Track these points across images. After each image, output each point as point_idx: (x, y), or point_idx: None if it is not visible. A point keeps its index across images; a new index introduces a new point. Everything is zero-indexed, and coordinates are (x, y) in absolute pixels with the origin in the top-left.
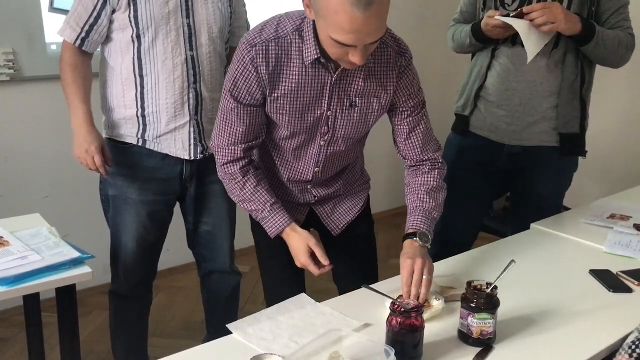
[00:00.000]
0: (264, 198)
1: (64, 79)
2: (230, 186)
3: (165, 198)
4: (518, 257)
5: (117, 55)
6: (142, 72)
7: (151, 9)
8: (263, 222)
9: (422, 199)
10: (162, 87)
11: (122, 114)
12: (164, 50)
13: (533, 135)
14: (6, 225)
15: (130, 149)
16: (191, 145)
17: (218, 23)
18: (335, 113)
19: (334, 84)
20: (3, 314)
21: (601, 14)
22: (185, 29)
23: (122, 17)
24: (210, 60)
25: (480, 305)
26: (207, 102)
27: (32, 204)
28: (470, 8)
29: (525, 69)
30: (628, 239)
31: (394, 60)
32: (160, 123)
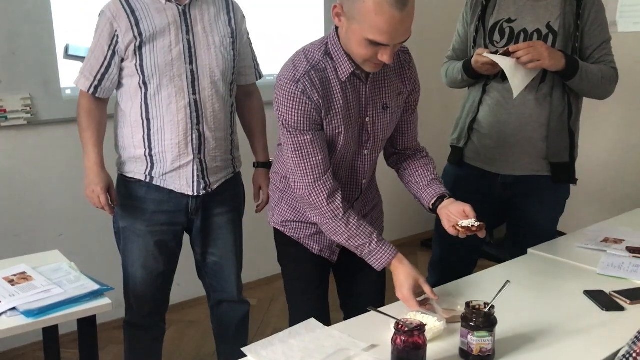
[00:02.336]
0: (368, 230)
1: (80, 123)
2: (333, 225)
3: (173, 228)
4: (515, 279)
5: (127, 99)
6: (149, 116)
7: (155, 57)
8: (370, 256)
9: (436, 175)
10: (167, 129)
11: (132, 153)
12: (168, 95)
13: (525, 165)
14: (28, 261)
15: (139, 184)
16: (194, 182)
17: (220, 67)
18: (372, 119)
19: (368, 91)
20: (21, 349)
21: (584, 49)
22: (188, 74)
23: (129, 66)
24: (212, 102)
25: (479, 324)
26: (210, 141)
27: (47, 242)
28: (462, 45)
29: (515, 103)
30: (620, 260)
31: (402, 57)
32: (166, 162)
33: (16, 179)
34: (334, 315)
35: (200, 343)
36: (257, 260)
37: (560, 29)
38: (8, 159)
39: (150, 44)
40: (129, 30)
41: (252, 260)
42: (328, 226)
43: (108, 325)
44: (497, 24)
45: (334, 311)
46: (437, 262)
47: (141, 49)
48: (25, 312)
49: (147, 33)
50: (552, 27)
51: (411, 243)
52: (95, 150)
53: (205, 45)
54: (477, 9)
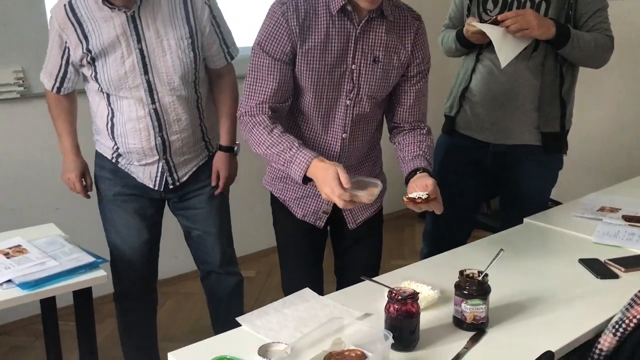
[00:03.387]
0: (291, 139)
1: (50, 113)
2: (255, 132)
3: (148, 197)
4: (510, 248)
5: (94, 95)
6: (113, 118)
7: (108, 71)
8: (291, 162)
9: (425, 151)
10: (129, 135)
11: (102, 139)
12: (128, 104)
13: (516, 134)
14: (23, 235)
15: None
16: (157, 178)
17: (179, 72)
18: (359, 67)
19: (358, 36)
20: (19, 322)
21: (579, 17)
22: (144, 84)
23: (87, 72)
24: (174, 107)
25: (472, 292)
26: (175, 143)
27: (42, 216)
28: (457, 14)
29: (506, 71)
30: (616, 229)
31: (411, 21)
32: (131, 159)
33: (11, 152)
34: (328, 287)
35: (198, 315)
36: (255, 233)
37: None
38: (2, 133)
39: (102, 58)
40: (79, 45)
41: (250, 232)
42: (252, 135)
43: (105, 299)
44: None
45: (328, 282)
46: (430, 233)
47: (94, 61)
48: (21, 284)
49: (97, 49)
50: None
51: (408, 215)
52: (69, 138)
53: (160, 51)
54: None
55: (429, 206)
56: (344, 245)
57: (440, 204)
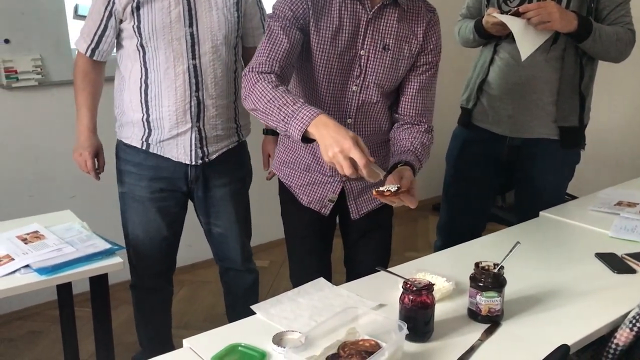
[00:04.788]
0: (297, 97)
1: (75, 84)
2: (259, 85)
3: (173, 194)
4: (526, 241)
5: (126, 62)
6: (147, 80)
7: (153, 19)
8: (292, 117)
9: (416, 148)
10: (164, 95)
11: (130, 117)
12: (166, 59)
13: (533, 128)
14: (41, 221)
15: (136, 149)
16: (192, 151)
17: (222, 30)
18: (368, 53)
19: (369, 21)
20: (36, 308)
21: (601, 9)
22: (187, 37)
23: (127, 27)
24: (214, 68)
25: (487, 284)
26: (210, 109)
27: (60, 203)
28: (476, 4)
29: (525, 64)
30: (634, 223)
31: (424, 11)
32: (163, 129)
33: (29, 140)
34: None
35: (212, 303)
36: (268, 223)
37: None
38: (20, 120)
39: (148, 5)
40: None
41: (263, 222)
42: (255, 89)
43: (121, 286)
44: None
45: (341, 273)
46: (444, 225)
47: (139, 9)
48: (38, 270)
49: None
50: None
51: (422, 207)
52: (88, 114)
53: (207, 6)
54: None
55: (400, 199)
56: (353, 237)
57: (414, 197)
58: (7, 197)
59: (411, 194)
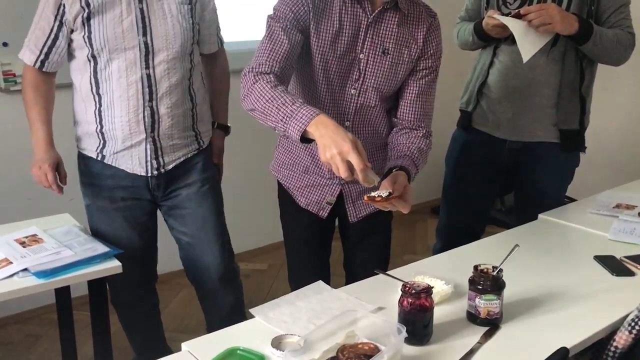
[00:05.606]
0: (296, 97)
1: (25, 100)
2: (258, 85)
3: (138, 203)
4: (525, 244)
5: (77, 73)
6: (98, 90)
7: (104, 29)
8: (290, 117)
9: (413, 153)
10: (116, 106)
11: (85, 128)
12: (118, 69)
13: (533, 131)
14: (39, 224)
15: (94, 160)
16: (147, 162)
17: (178, 38)
18: (367, 57)
19: (370, 25)
20: (34, 311)
21: (601, 12)
22: (141, 46)
23: (77, 38)
24: (169, 77)
25: (486, 287)
26: (165, 119)
27: (59, 206)
28: (475, 6)
29: (524, 67)
30: (632, 226)
31: (425, 16)
32: (116, 140)
33: (27, 143)
34: (336, 281)
35: None
36: (266, 225)
37: None
38: (18, 123)
39: (99, 15)
40: (76, 0)
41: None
42: (254, 88)
43: None
44: None
45: (340, 275)
46: (443, 228)
47: (89, 20)
48: (36, 273)
49: (95, 3)
50: None
51: (421, 210)
52: (43, 128)
53: (161, 14)
54: None
55: (392, 204)
56: (352, 240)
57: (407, 202)
58: (5, 201)
59: (404, 199)
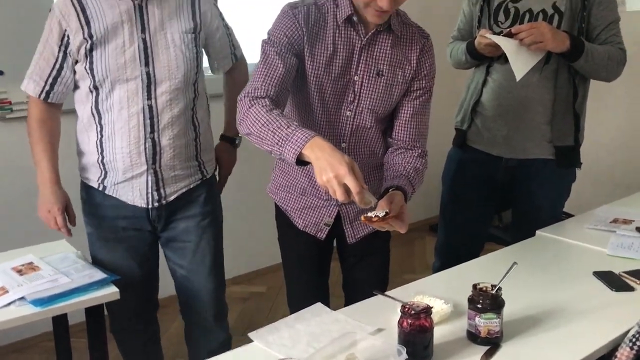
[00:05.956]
0: (291, 120)
1: (30, 135)
2: (254, 110)
3: (139, 234)
4: (523, 261)
5: (80, 103)
6: (100, 121)
7: (106, 59)
8: (286, 140)
9: (409, 172)
10: (117, 137)
11: (88, 158)
12: (120, 100)
13: (528, 148)
14: (36, 251)
15: (95, 189)
16: (148, 194)
17: (181, 69)
18: (361, 79)
19: (363, 48)
20: (31, 340)
21: (591, 30)
22: (143, 77)
23: (80, 69)
24: (171, 108)
25: (486, 306)
26: (167, 150)
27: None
28: (467, 25)
29: (518, 85)
30: (630, 241)
31: (418, 38)
32: (117, 171)
33: (23, 170)
34: (336, 302)
35: None
36: (265, 248)
37: (567, 9)
38: (14, 151)
39: (101, 46)
40: (79, 30)
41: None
42: (250, 113)
43: None
44: (502, 3)
45: (340, 296)
46: (442, 247)
47: (92, 51)
48: (33, 301)
49: (98, 34)
50: (558, 7)
51: (420, 228)
52: (50, 166)
53: (164, 44)
54: None
55: (389, 224)
56: (351, 261)
57: (404, 222)
58: (2, 229)
59: (401, 219)
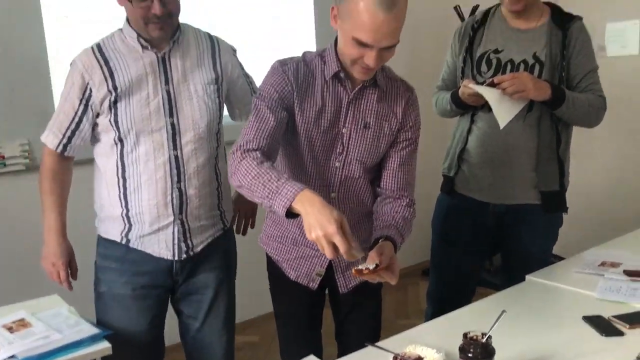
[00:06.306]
0: (281, 172)
1: (42, 184)
2: (245, 163)
3: (156, 292)
4: (512, 307)
5: (103, 156)
6: (124, 174)
7: (131, 111)
8: (276, 193)
9: (398, 222)
10: (144, 188)
11: (110, 212)
12: (146, 152)
13: (515, 194)
14: (28, 307)
15: (117, 244)
16: (175, 245)
17: (204, 119)
18: (349, 131)
19: (350, 102)
20: None
21: (571, 78)
22: (168, 128)
23: (104, 121)
24: (196, 157)
25: (476, 355)
26: (193, 200)
27: (47, 286)
28: (451, 76)
29: (502, 132)
30: (618, 284)
31: (403, 91)
32: (143, 223)
33: (15, 224)
34: (329, 351)
35: None
36: (257, 296)
37: (547, 59)
38: (7, 205)
39: (125, 99)
40: (103, 83)
41: (252, 296)
42: (241, 166)
43: None
44: (484, 54)
45: (333, 345)
46: (433, 293)
47: (116, 103)
48: None
49: (123, 87)
50: (538, 57)
51: (412, 273)
52: (57, 218)
53: (187, 95)
54: (464, 40)
55: (380, 276)
56: (343, 311)
57: (395, 273)
58: None
59: (391, 270)
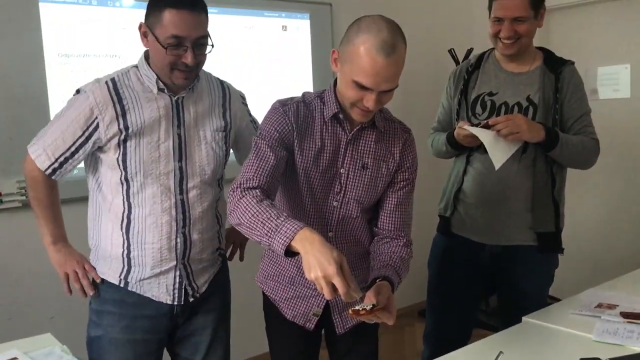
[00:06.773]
0: (281, 211)
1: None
2: (244, 200)
3: (156, 337)
4: (509, 350)
5: (107, 194)
6: (129, 215)
7: (141, 153)
8: (275, 231)
9: (395, 262)
10: (148, 232)
11: (109, 251)
12: (153, 195)
13: (510, 235)
14: (20, 346)
15: (114, 286)
16: (175, 290)
17: (211, 165)
18: (347, 172)
19: (349, 142)
20: None
21: (565, 121)
22: (176, 172)
23: (111, 159)
24: (201, 202)
25: None
26: (197, 244)
27: (40, 325)
28: (446, 117)
29: (497, 174)
30: (615, 326)
31: (400, 132)
32: (145, 267)
33: (10, 261)
34: None
35: None
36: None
37: (540, 102)
38: (2, 242)
39: (136, 139)
40: (114, 121)
41: (247, 335)
42: (240, 203)
43: None
44: (478, 97)
45: None
46: (430, 334)
47: (125, 142)
48: None
49: (134, 127)
50: (532, 99)
51: (408, 314)
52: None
53: (197, 140)
54: (459, 83)
55: (377, 317)
56: (340, 352)
57: (392, 313)
58: None
59: (388, 311)
